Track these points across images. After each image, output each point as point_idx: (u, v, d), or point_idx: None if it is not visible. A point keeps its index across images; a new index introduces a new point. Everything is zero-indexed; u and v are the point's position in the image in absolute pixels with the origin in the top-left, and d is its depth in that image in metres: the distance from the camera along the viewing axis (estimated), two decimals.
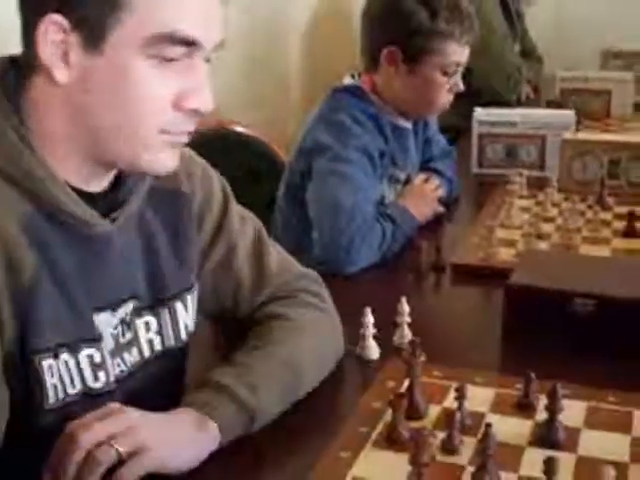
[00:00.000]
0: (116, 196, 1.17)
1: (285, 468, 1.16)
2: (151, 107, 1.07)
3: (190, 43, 1.06)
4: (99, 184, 1.15)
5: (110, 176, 1.17)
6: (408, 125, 2.13)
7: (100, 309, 1.16)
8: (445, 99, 2.09)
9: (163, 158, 1.12)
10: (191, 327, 1.30)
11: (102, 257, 1.15)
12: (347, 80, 2.09)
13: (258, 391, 1.17)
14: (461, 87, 2.08)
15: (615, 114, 3.26)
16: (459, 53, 2.03)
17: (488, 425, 1.07)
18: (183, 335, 1.29)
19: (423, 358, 1.23)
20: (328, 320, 1.40)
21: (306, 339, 1.32)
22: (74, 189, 1.10)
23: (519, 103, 3.64)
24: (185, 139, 1.14)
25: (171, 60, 1.06)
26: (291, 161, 2.06)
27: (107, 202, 1.15)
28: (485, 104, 2.71)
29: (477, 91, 3.52)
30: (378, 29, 2.02)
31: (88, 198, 1.12)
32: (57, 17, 1.02)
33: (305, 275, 1.45)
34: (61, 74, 1.05)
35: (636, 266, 1.66)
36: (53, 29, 1.02)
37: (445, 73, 2.03)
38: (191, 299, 1.29)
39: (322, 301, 1.41)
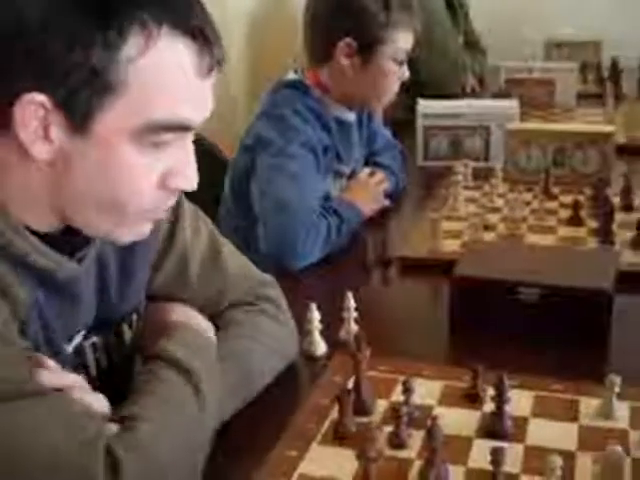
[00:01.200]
0: (78, 236, 1.10)
1: (232, 467, 1.14)
2: (136, 190, 1.02)
3: (184, 128, 1.02)
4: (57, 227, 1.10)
5: None
6: (352, 119, 2.11)
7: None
8: (395, 89, 2.09)
9: (137, 231, 1.09)
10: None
11: (70, 296, 1.12)
12: (290, 75, 2.08)
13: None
14: (407, 75, 2.08)
15: (559, 103, 3.28)
16: (409, 40, 2.05)
17: (434, 418, 1.06)
18: (129, 351, 1.26)
19: (368, 353, 1.22)
20: (286, 331, 1.39)
21: (262, 351, 1.30)
22: (33, 232, 1.04)
23: (464, 95, 3.65)
24: (165, 213, 1.11)
25: (161, 143, 1.01)
26: (235, 157, 2.04)
27: (71, 243, 1.10)
28: (430, 96, 2.71)
29: (422, 84, 3.53)
30: (331, 23, 2.01)
31: (52, 241, 1.06)
32: (36, 96, 0.95)
33: (265, 282, 1.43)
34: (39, 151, 0.98)
35: (580, 254, 1.67)
36: (32, 109, 0.95)
37: (397, 62, 2.03)
38: (137, 318, 1.27)
39: (281, 311, 1.40)
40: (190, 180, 1.06)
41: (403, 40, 2.02)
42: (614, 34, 4.13)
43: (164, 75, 0.98)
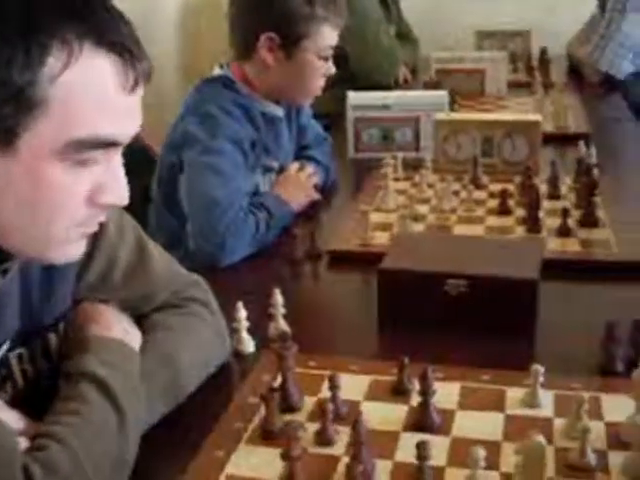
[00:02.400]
0: (2, 250, 1.07)
1: (160, 467, 1.13)
2: (63, 208, 1.00)
3: (110, 144, 1.00)
4: None
5: None
6: (280, 113, 2.10)
7: None
8: (320, 84, 2.08)
9: (70, 250, 1.07)
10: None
11: None
12: (216, 71, 2.06)
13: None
14: (333, 70, 2.07)
15: (490, 93, 3.30)
16: (334, 37, 2.03)
17: (358, 414, 1.06)
18: (56, 360, 1.23)
19: (294, 349, 1.21)
20: (215, 332, 1.37)
21: (190, 352, 1.29)
22: None
23: (397, 86, 3.66)
24: (96, 228, 1.09)
25: (87, 160, 0.99)
26: (162, 155, 2.02)
27: None
28: (362, 88, 2.72)
29: (353, 76, 3.53)
30: (253, 16, 1.99)
31: None
32: None
33: (193, 283, 1.41)
34: None
35: (506, 244, 1.67)
36: None
37: (321, 57, 2.02)
38: (64, 325, 1.24)
39: (210, 312, 1.38)
40: (119, 196, 1.04)
41: (327, 36, 2.00)
42: (543, 24, 4.18)
43: (87, 92, 0.96)
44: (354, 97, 2.50)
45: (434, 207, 1.97)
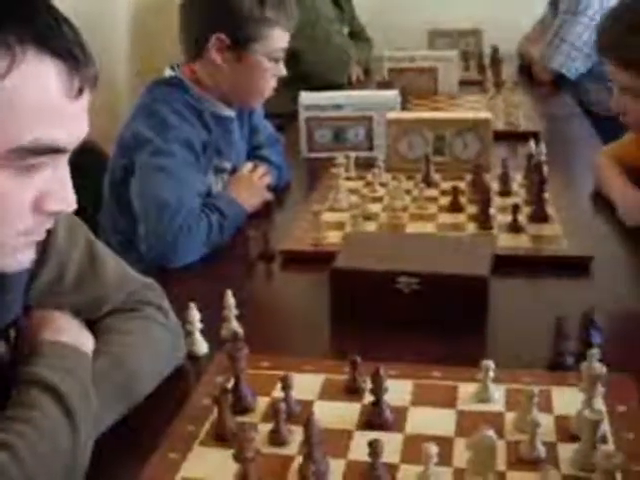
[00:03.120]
0: None
1: (114, 471, 1.13)
2: (9, 216, 0.99)
3: (55, 150, 0.99)
4: None
5: None
6: (232, 114, 2.10)
7: None
8: (271, 85, 2.08)
9: (20, 258, 1.05)
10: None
11: None
12: (167, 72, 2.05)
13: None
14: (284, 72, 2.07)
15: (442, 91, 3.33)
16: (284, 39, 2.03)
17: (309, 414, 1.06)
18: (7, 367, 1.22)
19: (246, 351, 1.21)
20: (169, 334, 1.36)
21: (144, 355, 1.28)
22: None
23: (350, 85, 3.68)
24: (44, 235, 1.07)
25: (32, 166, 0.98)
26: (113, 156, 2.00)
27: None
28: (316, 88, 2.72)
29: (307, 75, 3.54)
30: (203, 17, 1.99)
31: None
32: None
33: (146, 286, 1.40)
34: None
35: (457, 241, 1.69)
36: None
37: (271, 59, 2.01)
38: (14, 331, 1.23)
39: (163, 314, 1.37)
40: (66, 202, 1.03)
41: (277, 38, 2.00)
42: (494, 23, 4.21)
43: (30, 97, 0.95)
44: (306, 97, 2.51)
45: (386, 206, 1.97)
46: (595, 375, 1.12)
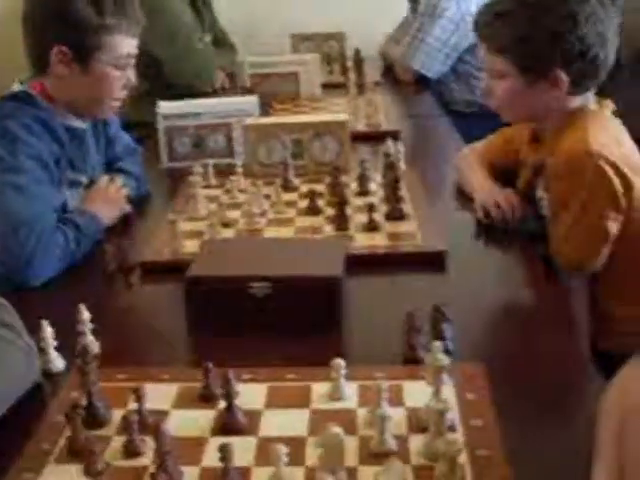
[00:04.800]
0: None
1: None
2: None
3: None
4: None
5: None
6: (84, 126, 2.07)
7: None
8: (121, 95, 2.05)
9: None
10: None
11: None
12: (16, 87, 2.01)
13: None
14: (133, 80, 2.05)
15: (305, 95, 3.35)
16: (129, 45, 2.00)
17: (159, 423, 1.06)
18: None
19: (94, 364, 1.20)
20: (22, 354, 1.33)
21: None
22: None
23: (215, 93, 3.67)
24: None
25: None
26: None
27: None
28: (180, 97, 2.70)
29: (170, 85, 3.52)
30: (43, 30, 1.95)
31: None
32: None
33: None
34: None
35: (312, 244, 1.71)
36: None
37: (118, 67, 1.99)
38: None
39: (17, 334, 1.34)
40: None
41: (121, 44, 1.97)
42: (358, 26, 4.27)
43: None
44: (164, 107, 2.49)
45: (245, 212, 1.98)
46: (439, 366, 1.15)
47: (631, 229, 1.81)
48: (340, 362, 1.23)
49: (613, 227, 1.78)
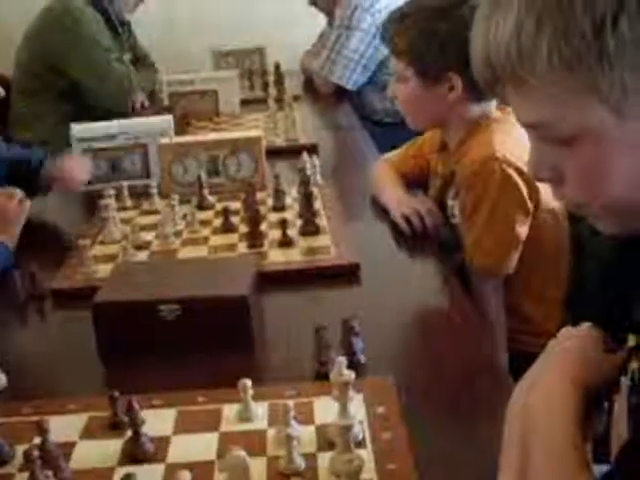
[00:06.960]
0: None
1: None
2: None
3: None
4: None
5: None
6: None
7: None
8: None
9: None
10: None
11: None
12: None
13: None
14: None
15: (224, 112, 3.35)
16: None
17: (58, 457, 1.04)
18: None
19: None
20: None
21: None
22: None
23: (134, 113, 3.64)
24: None
25: None
26: None
27: None
28: (100, 118, 2.67)
29: (89, 107, 3.50)
30: None
31: None
32: None
33: None
34: None
35: (222, 262, 1.70)
36: None
37: None
38: None
39: None
40: None
41: None
42: (278, 41, 4.29)
43: None
44: (78, 130, 2.46)
45: (159, 233, 1.96)
46: (344, 382, 1.15)
47: (538, 232, 1.83)
48: (246, 382, 1.22)
49: (522, 231, 1.80)
